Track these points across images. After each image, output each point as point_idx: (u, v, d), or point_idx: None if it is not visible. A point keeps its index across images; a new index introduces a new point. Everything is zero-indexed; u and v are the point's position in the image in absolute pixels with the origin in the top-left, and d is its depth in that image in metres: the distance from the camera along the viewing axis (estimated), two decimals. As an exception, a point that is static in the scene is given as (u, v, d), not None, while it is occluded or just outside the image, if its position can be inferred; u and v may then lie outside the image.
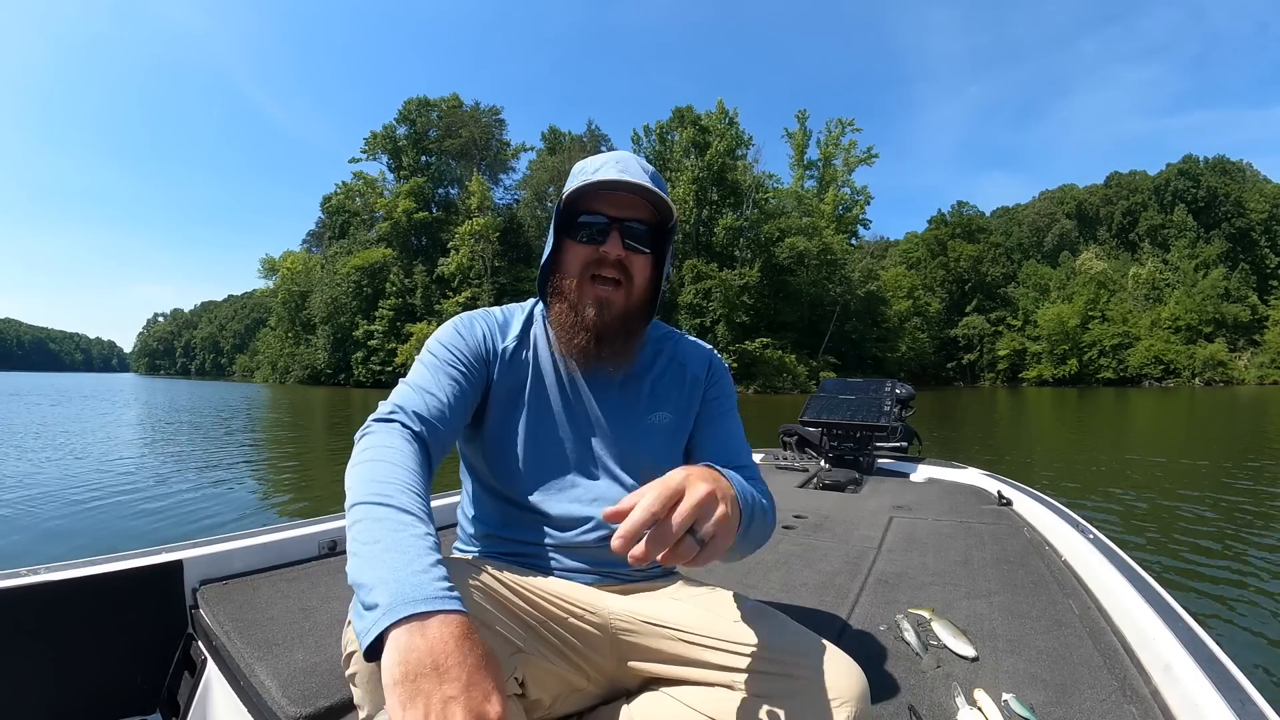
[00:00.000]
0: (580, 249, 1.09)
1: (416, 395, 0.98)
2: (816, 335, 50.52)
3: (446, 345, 1.07)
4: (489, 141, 62.89)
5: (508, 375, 1.11)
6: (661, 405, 1.17)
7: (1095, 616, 1.60)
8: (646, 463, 1.14)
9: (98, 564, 1.50)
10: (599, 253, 1.07)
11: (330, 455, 10.49)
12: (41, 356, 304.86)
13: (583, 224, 1.08)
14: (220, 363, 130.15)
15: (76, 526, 5.44)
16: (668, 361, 1.21)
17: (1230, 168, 69.70)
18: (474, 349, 1.09)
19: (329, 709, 1.17)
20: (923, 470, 3.75)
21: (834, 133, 60.89)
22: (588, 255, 1.08)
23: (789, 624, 1.01)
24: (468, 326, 1.12)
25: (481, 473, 1.14)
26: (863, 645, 1.46)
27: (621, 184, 1.04)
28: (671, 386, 1.19)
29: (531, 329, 1.16)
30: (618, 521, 0.70)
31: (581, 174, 1.09)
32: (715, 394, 1.24)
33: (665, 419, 1.17)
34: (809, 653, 0.93)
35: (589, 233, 1.08)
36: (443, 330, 1.11)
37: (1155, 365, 58.26)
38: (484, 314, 1.16)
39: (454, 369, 1.04)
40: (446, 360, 1.05)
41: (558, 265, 1.13)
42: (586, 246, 1.08)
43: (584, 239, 1.08)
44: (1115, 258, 69.70)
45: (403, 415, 0.93)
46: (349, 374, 56.69)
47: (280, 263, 71.30)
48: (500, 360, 1.11)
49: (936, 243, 71.28)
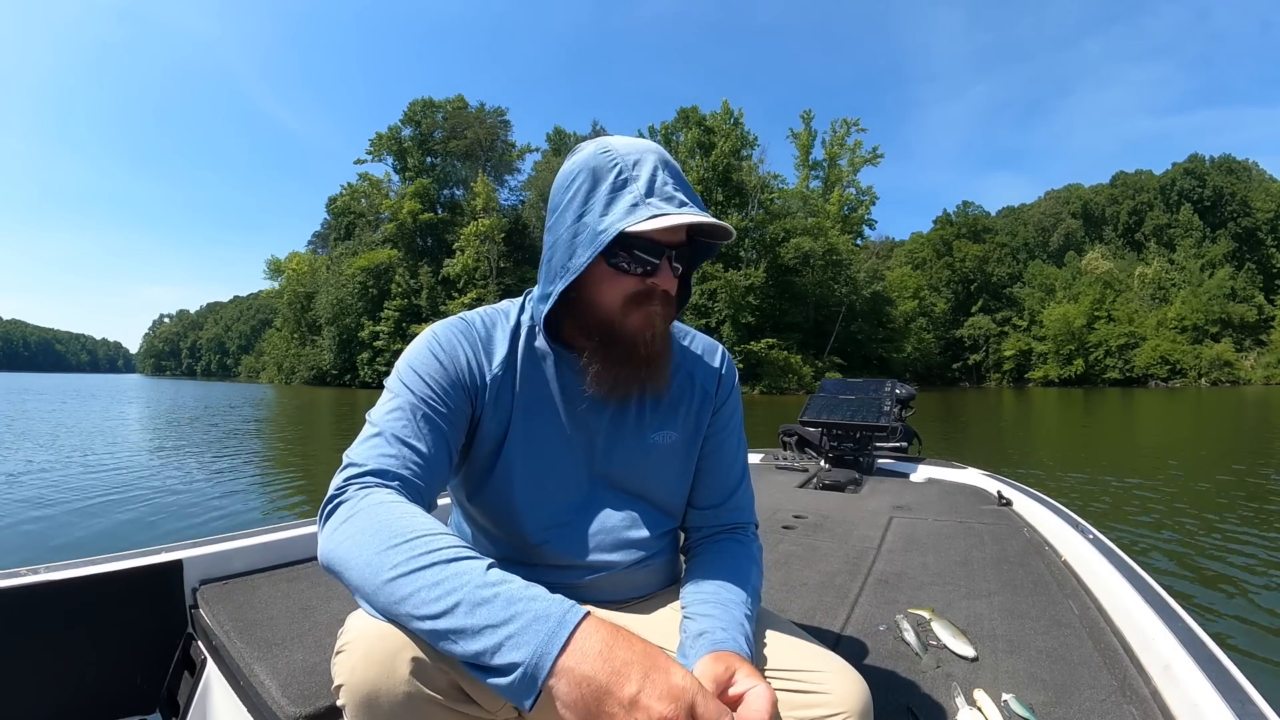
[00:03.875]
0: (624, 280, 0.93)
1: (393, 448, 0.84)
2: (822, 336, 50.46)
3: (424, 377, 0.92)
4: (494, 142, 62.97)
5: (494, 408, 0.98)
6: (667, 424, 1.06)
7: (1095, 617, 1.60)
8: (655, 489, 1.06)
9: (98, 564, 1.50)
10: (646, 284, 0.93)
11: (333, 455, 10.49)
12: (48, 357, 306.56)
13: (633, 255, 0.91)
14: (226, 364, 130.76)
15: (78, 527, 5.46)
16: (673, 374, 1.07)
17: (1236, 167, 69.35)
18: (455, 380, 0.94)
19: (329, 709, 1.17)
20: (923, 470, 3.73)
21: (839, 133, 60.90)
22: (634, 286, 0.93)
23: (791, 635, 0.98)
24: (448, 351, 0.95)
25: (467, 511, 1.06)
26: (863, 645, 1.46)
27: (704, 226, 0.91)
28: (678, 402, 1.07)
29: (519, 345, 1.01)
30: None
31: (631, 187, 0.90)
32: (724, 408, 1.12)
33: (671, 438, 1.06)
34: (811, 664, 0.90)
35: (638, 263, 0.92)
36: (417, 353, 0.95)
37: (1161, 365, 58.03)
38: (464, 329, 0.99)
39: (435, 409, 0.90)
40: (426, 397, 0.90)
41: (584, 294, 0.96)
42: (632, 278, 0.93)
43: (630, 269, 0.93)
44: (1121, 257, 69.47)
45: (381, 477, 0.81)
46: (354, 375, 56.91)
47: (286, 264, 71.62)
48: (488, 390, 0.97)
49: (942, 243, 71.13)
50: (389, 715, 0.73)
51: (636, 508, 1.04)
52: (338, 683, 0.76)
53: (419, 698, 0.73)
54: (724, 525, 1.09)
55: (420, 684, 0.73)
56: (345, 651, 0.75)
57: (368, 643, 0.73)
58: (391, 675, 0.72)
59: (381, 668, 0.72)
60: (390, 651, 0.72)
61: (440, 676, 0.74)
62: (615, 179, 0.91)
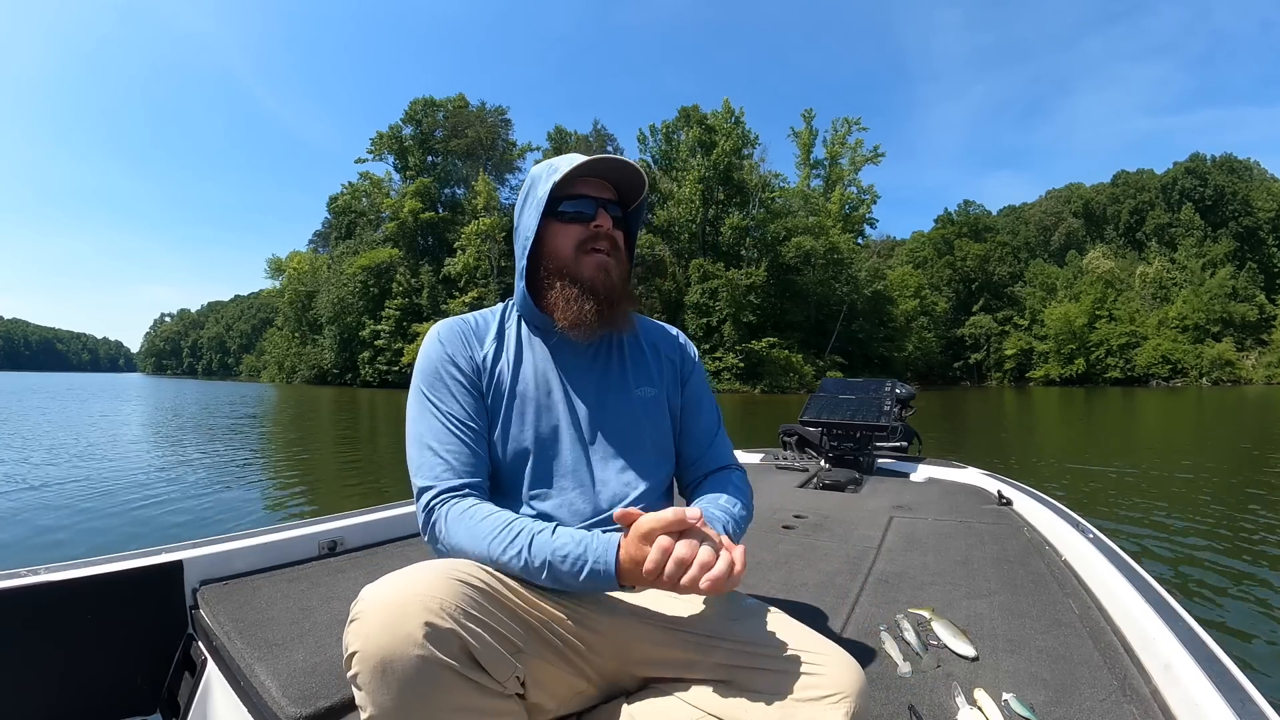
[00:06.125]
0: (571, 229, 1.15)
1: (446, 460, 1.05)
2: (823, 335, 50.38)
3: (444, 380, 1.11)
4: (495, 141, 62.92)
5: (494, 382, 1.14)
6: (644, 381, 1.24)
7: (1095, 616, 1.60)
8: (644, 439, 1.20)
9: (98, 564, 1.50)
10: (590, 229, 1.15)
11: (334, 455, 10.52)
12: (49, 357, 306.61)
13: (572, 207, 1.14)
14: (227, 363, 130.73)
15: (78, 527, 5.46)
16: (633, 338, 1.28)
17: (1237, 166, 69.12)
18: (465, 374, 1.12)
19: (329, 709, 1.17)
20: (923, 470, 3.73)
21: (840, 132, 60.78)
22: (580, 233, 1.15)
23: (788, 621, 1.02)
24: (451, 348, 1.14)
25: None
26: (863, 645, 1.46)
27: (610, 160, 1.13)
28: (650, 365, 1.26)
29: (506, 327, 1.20)
30: (627, 522, 0.92)
31: (553, 170, 1.13)
32: (692, 374, 1.33)
33: (650, 393, 1.23)
34: (808, 649, 0.94)
35: (577, 213, 1.15)
36: (430, 360, 1.13)
37: (1163, 365, 57.85)
38: (460, 326, 1.18)
39: (462, 406, 1.09)
40: (451, 400, 1.09)
41: (545, 252, 1.17)
42: (577, 225, 1.15)
43: (573, 219, 1.15)
44: (1122, 257, 69.25)
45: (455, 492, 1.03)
46: (356, 374, 56.87)
47: (287, 263, 71.63)
48: (486, 370, 1.14)
49: (943, 242, 70.91)
50: (400, 681, 0.74)
51: (629, 459, 1.16)
52: (351, 650, 0.77)
53: (432, 662, 0.75)
54: (710, 469, 1.28)
55: (433, 648, 0.75)
56: (359, 619, 0.77)
57: (381, 611, 0.76)
58: (405, 641, 0.74)
59: (395, 634, 0.75)
60: (403, 618, 0.75)
61: (453, 641, 0.77)
62: (549, 166, 1.15)
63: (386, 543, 2.17)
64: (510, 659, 0.84)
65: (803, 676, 0.90)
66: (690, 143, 50.24)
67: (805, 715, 0.87)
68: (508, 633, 0.86)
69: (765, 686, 0.91)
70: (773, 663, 0.93)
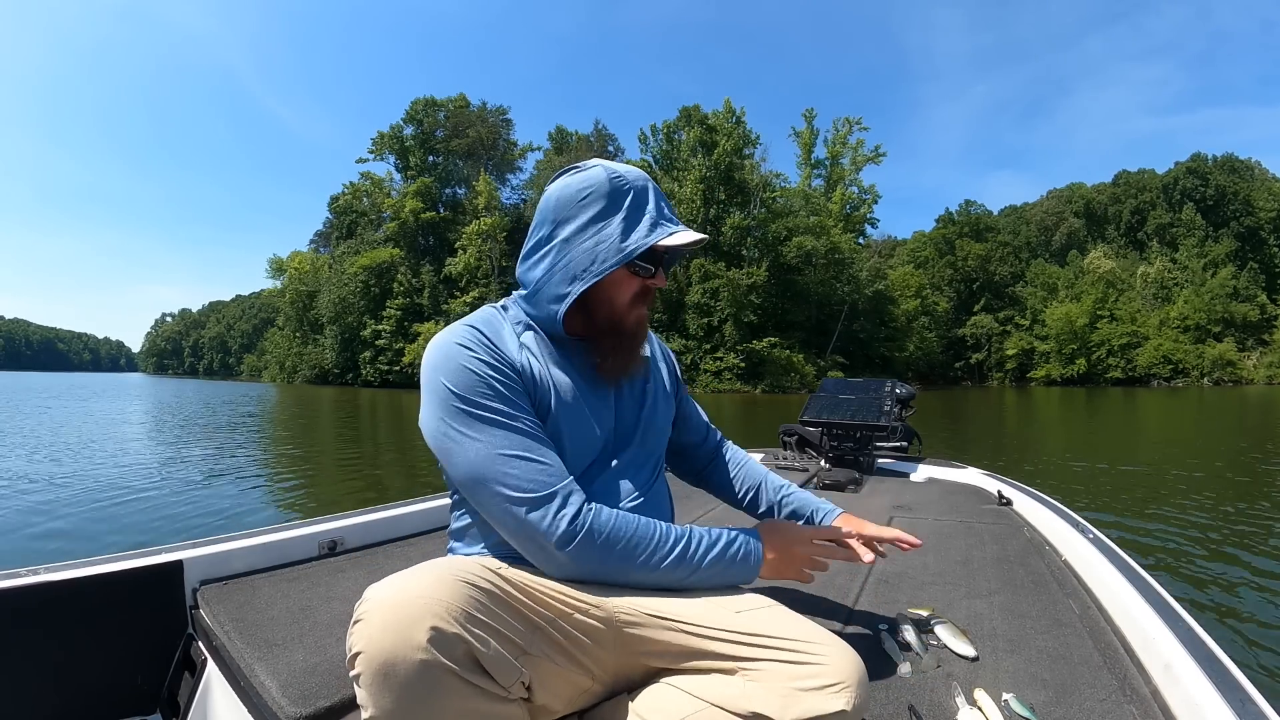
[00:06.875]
0: (634, 281, 1.15)
1: (536, 471, 1.01)
2: (824, 335, 50.39)
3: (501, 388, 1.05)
4: (496, 141, 63.00)
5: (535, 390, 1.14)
6: (653, 378, 1.31)
7: (1095, 616, 1.59)
8: (657, 433, 1.28)
9: (98, 564, 1.50)
10: (648, 285, 1.17)
11: (334, 455, 10.52)
12: (50, 356, 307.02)
13: (647, 262, 1.14)
14: (228, 362, 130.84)
15: (78, 527, 5.47)
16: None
17: (1239, 166, 69.05)
18: (513, 379, 1.08)
19: (329, 709, 1.17)
20: (923, 470, 3.73)
21: (841, 131, 60.72)
22: (638, 286, 1.16)
23: (788, 613, 1.03)
24: (489, 353, 1.07)
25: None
26: (863, 645, 1.45)
27: (698, 241, 1.14)
28: (657, 363, 1.36)
29: (519, 335, 1.16)
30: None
31: (647, 209, 1.12)
32: (675, 372, 1.44)
33: (656, 388, 1.31)
34: (809, 639, 0.95)
35: (646, 269, 1.14)
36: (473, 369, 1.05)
37: (1164, 365, 57.81)
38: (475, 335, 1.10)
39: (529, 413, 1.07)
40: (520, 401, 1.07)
41: (600, 292, 1.13)
42: (639, 279, 1.15)
43: (640, 273, 1.14)
44: (1124, 257, 69.17)
45: (561, 501, 1.01)
46: (357, 374, 56.95)
47: (288, 263, 71.69)
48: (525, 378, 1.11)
49: (944, 242, 70.87)
50: (403, 685, 0.74)
51: (642, 455, 1.22)
52: (354, 651, 0.76)
53: (435, 666, 0.75)
54: (714, 446, 1.53)
55: (437, 652, 0.75)
56: (363, 620, 0.77)
57: (385, 612, 0.76)
58: (409, 643, 0.74)
59: (399, 636, 0.74)
60: (408, 621, 0.75)
61: (458, 646, 0.76)
62: (632, 201, 1.10)
63: (387, 543, 2.16)
64: (515, 664, 0.84)
65: (805, 666, 0.91)
66: (691, 142, 50.18)
67: (808, 704, 0.87)
68: (513, 635, 0.85)
69: (766, 675, 0.92)
70: (774, 653, 0.94)
